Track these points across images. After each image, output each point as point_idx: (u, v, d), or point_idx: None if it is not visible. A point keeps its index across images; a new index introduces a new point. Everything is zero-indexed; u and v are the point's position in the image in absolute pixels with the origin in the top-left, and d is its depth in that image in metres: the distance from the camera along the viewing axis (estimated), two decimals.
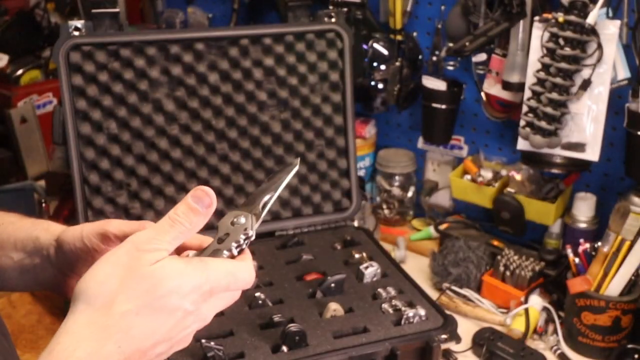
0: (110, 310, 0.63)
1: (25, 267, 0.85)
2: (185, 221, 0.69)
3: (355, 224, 1.62)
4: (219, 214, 1.17)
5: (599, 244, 1.36)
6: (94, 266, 0.66)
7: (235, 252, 0.72)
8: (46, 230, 0.85)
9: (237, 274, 0.69)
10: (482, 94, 1.66)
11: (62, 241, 0.81)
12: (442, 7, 1.69)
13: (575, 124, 1.44)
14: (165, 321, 0.64)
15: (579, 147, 1.45)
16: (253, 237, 0.73)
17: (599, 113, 1.41)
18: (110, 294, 0.63)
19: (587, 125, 1.43)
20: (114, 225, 0.78)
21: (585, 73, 1.39)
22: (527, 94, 1.46)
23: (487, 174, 1.67)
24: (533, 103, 1.44)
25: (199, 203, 0.69)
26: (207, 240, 0.76)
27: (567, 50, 1.36)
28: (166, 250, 0.67)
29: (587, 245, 1.40)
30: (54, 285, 0.87)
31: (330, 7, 1.69)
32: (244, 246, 0.73)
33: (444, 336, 1.21)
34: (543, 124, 1.42)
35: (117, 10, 1.40)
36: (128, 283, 0.63)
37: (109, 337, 0.62)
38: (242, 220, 0.73)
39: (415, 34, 1.75)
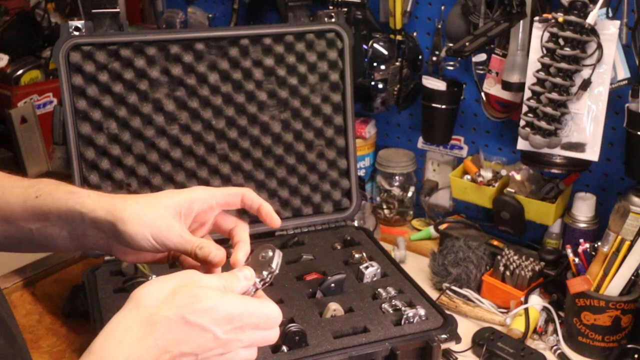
0: (155, 313, 0.73)
1: (75, 234, 0.90)
2: (230, 280, 0.80)
3: (355, 224, 1.62)
4: None
5: (599, 244, 1.36)
6: (154, 279, 0.77)
7: (259, 285, 0.81)
8: (89, 209, 0.87)
9: (269, 314, 0.78)
10: (482, 94, 1.66)
11: (123, 232, 0.86)
12: (442, 7, 1.69)
13: (575, 124, 1.44)
14: (196, 337, 0.74)
15: (579, 147, 1.45)
16: (276, 272, 0.82)
17: (598, 113, 1.42)
18: (158, 301, 0.74)
19: (587, 125, 1.43)
20: (174, 242, 0.88)
21: (585, 73, 1.39)
22: (527, 94, 1.46)
23: (487, 174, 1.67)
24: (533, 103, 1.44)
25: (242, 272, 0.81)
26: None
27: (567, 50, 1.36)
28: (206, 291, 0.76)
29: (587, 245, 1.40)
30: (105, 248, 0.92)
31: (330, 7, 1.69)
32: (267, 280, 0.81)
33: (444, 336, 1.21)
34: (543, 124, 1.42)
35: (117, 10, 1.40)
36: (174, 295, 0.74)
37: (150, 333, 0.72)
38: (270, 253, 0.82)
39: (415, 34, 1.75)
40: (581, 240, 1.42)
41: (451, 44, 1.61)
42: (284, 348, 1.16)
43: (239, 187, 0.99)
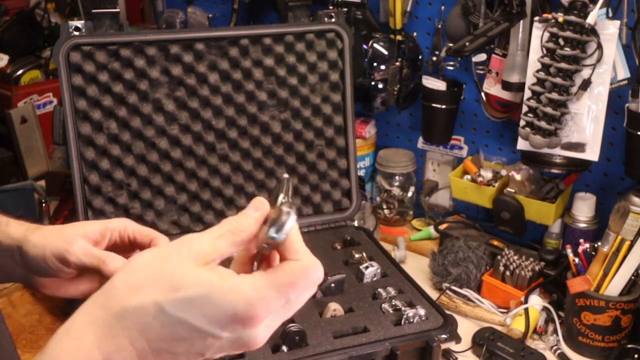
0: (127, 301, 0.55)
1: None
2: (234, 221, 0.62)
3: (355, 224, 1.62)
4: (218, 214, 1.16)
5: (599, 244, 1.36)
6: (142, 251, 0.60)
7: (282, 236, 0.62)
8: (6, 235, 0.87)
9: (296, 286, 0.61)
10: (482, 94, 1.66)
11: (26, 253, 0.85)
12: (442, 7, 1.69)
13: (575, 124, 1.44)
14: (188, 338, 0.55)
15: (579, 147, 1.45)
16: (280, 239, 0.62)
17: (599, 113, 1.42)
18: (136, 283, 0.55)
19: (587, 125, 1.43)
20: (76, 255, 0.82)
21: (585, 73, 1.39)
22: (527, 94, 1.46)
23: (487, 174, 1.67)
24: (533, 103, 1.44)
25: (249, 208, 0.63)
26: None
27: (567, 50, 1.36)
28: (209, 245, 0.58)
29: (587, 245, 1.40)
30: (23, 279, 0.90)
31: (330, 7, 1.69)
32: (287, 227, 0.61)
33: (444, 336, 1.21)
34: (543, 124, 1.42)
35: (117, 10, 1.40)
36: (156, 274, 0.55)
37: (121, 329, 0.55)
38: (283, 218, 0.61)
39: (415, 34, 1.75)
40: (581, 240, 1.42)
41: (451, 44, 1.61)
42: (284, 348, 1.16)
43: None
